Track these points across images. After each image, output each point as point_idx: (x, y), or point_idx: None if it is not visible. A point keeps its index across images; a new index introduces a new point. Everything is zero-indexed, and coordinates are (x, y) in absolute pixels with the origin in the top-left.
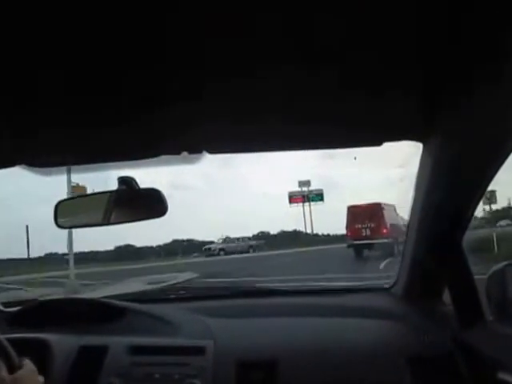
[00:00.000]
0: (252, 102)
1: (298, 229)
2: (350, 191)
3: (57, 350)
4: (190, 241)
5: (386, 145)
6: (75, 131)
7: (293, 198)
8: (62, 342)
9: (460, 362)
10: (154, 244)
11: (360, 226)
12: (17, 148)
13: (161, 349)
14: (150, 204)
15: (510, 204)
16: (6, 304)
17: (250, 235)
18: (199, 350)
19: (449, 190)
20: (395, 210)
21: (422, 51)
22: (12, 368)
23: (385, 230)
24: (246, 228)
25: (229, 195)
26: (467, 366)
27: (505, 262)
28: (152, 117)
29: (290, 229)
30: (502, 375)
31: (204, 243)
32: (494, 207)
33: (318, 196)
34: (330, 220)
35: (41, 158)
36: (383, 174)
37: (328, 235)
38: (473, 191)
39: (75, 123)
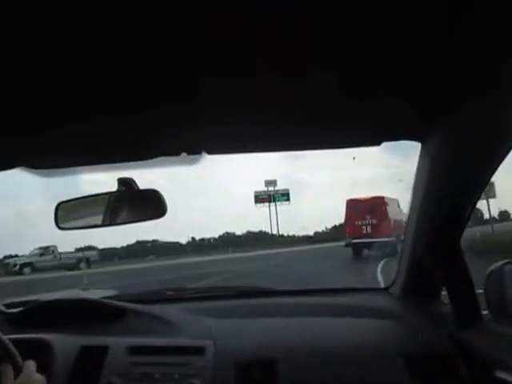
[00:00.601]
0: (251, 102)
1: (264, 229)
2: (317, 192)
3: (58, 350)
4: (154, 241)
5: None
6: (75, 133)
7: (259, 198)
8: (64, 343)
9: (458, 361)
10: (119, 245)
11: (361, 222)
12: (16, 150)
13: (161, 349)
14: (150, 205)
15: None
16: (8, 305)
17: (216, 236)
18: (199, 350)
19: (447, 190)
20: (399, 205)
21: (420, 51)
22: (17, 371)
23: (388, 228)
24: (211, 228)
25: (195, 195)
26: (465, 365)
27: (503, 261)
28: (151, 118)
29: (256, 229)
30: (500, 374)
31: (169, 244)
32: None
33: (284, 196)
34: (296, 221)
35: (41, 159)
36: (352, 175)
37: (294, 236)
38: (471, 191)
39: (75, 125)
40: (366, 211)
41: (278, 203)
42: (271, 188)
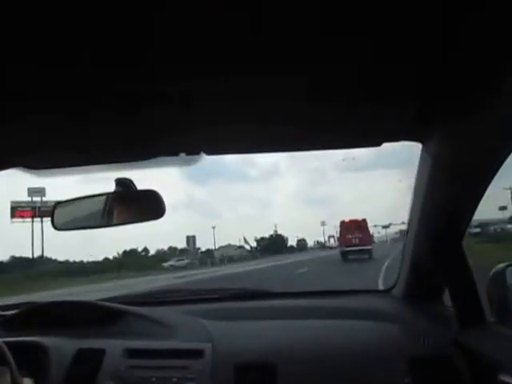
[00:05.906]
0: (251, 103)
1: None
2: None
3: (53, 353)
4: None
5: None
6: (72, 133)
7: (18, 211)
8: (59, 346)
9: (461, 363)
10: None
11: (351, 236)
12: (13, 150)
13: (158, 352)
14: (148, 205)
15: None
16: (3, 307)
17: None
18: (197, 353)
19: (448, 191)
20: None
21: (421, 52)
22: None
23: (368, 239)
24: None
25: None
26: (468, 368)
27: (506, 263)
28: (150, 118)
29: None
30: (503, 377)
31: None
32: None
33: None
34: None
35: (38, 159)
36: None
37: (68, 262)
38: (472, 191)
39: (72, 125)
40: (354, 228)
41: (44, 219)
42: (37, 198)
